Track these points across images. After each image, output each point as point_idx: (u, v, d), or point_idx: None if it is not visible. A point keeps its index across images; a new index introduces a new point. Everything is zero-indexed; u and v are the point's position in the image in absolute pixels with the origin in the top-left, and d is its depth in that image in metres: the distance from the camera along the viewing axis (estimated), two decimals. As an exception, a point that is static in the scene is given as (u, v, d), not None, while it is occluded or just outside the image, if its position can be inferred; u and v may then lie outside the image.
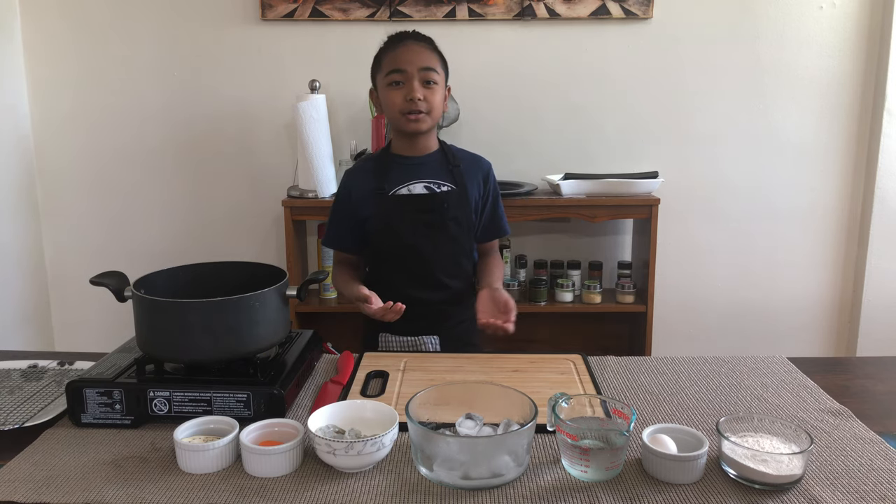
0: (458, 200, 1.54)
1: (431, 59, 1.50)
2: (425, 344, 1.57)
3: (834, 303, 2.51)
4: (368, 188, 1.55)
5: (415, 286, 1.54)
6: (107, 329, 2.49)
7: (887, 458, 0.95)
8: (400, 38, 1.52)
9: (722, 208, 2.44)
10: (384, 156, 1.59)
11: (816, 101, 2.36)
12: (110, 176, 2.44)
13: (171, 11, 2.33)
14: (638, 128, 2.39)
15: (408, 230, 1.52)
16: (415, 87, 1.46)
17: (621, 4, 2.28)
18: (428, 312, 1.55)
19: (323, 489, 0.88)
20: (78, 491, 0.88)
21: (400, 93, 1.47)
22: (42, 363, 1.30)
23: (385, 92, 1.50)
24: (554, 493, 0.88)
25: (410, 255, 1.53)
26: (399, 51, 1.49)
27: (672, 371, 1.27)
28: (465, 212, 1.55)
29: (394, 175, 1.55)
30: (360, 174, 1.60)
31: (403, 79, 1.47)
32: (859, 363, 1.38)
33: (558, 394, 1.01)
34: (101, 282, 1.11)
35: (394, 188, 1.54)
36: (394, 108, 1.49)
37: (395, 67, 1.47)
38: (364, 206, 1.55)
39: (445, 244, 1.54)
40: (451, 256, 1.56)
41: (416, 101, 1.46)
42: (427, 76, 1.47)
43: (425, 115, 1.49)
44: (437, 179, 1.55)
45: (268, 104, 2.38)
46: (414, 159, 1.56)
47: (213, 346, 1.05)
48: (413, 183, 1.54)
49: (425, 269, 1.54)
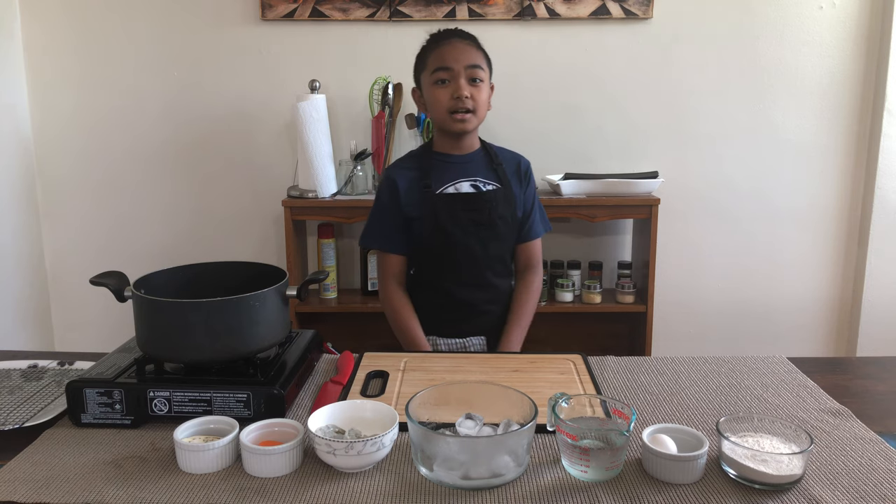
0: (504, 199, 1.53)
1: (477, 57, 1.48)
2: (473, 345, 1.56)
3: (834, 303, 2.51)
4: (414, 187, 1.53)
5: (463, 286, 1.54)
6: (107, 329, 2.49)
7: (887, 458, 0.95)
8: (445, 36, 1.50)
9: (722, 208, 2.44)
10: (426, 154, 1.57)
11: (816, 101, 2.36)
12: (110, 176, 2.44)
13: (171, 11, 2.33)
14: (638, 128, 2.39)
15: (457, 229, 1.51)
16: (461, 84, 1.44)
17: (621, 4, 2.28)
18: (476, 313, 1.55)
19: (323, 489, 0.88)
20: (78, 491, 0.88)
21: (446, 91, 1.46)
22: (42, 363, 1.30)
23: (431, 90, 1.48)
24: (554, 493, 0.88)
25: (459, 255, 1.52)
26: (444, 48, 1.47)
27: (672, 371, 1.27)
28: (511, 210, 1.54)
29: (439, 174, 1.53)
30: (403, 172, 1.57)
31: (449, 76, 1.45)
32: (859, 363, 1.38)
33: (558, 394, 1.01)
34: (101, 282, 1.11)
35: (440, 187, 1.52)
36: (440, 106, 1.47)
37: (441, 65, 1.46)
38: (411, 206, 1.53)
39: (493, 243, 1.54)
40: (499, 255, 1.56)
41: (462, 100, 1.44)
42: (473, 74, 1.46)
43: (472, 114, 1.47)
44: (482, 178, 1.54)
45: (268, 104, 2.38)
46: (458, 157, 1.55)
47: (213, 346, 1.05)
48: (459, 182, 1.52)
49: (475, 268, 1.53)
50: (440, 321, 1.57)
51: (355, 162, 2.29)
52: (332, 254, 2.36)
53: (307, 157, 2.19)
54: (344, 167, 2.30)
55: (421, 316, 1.59)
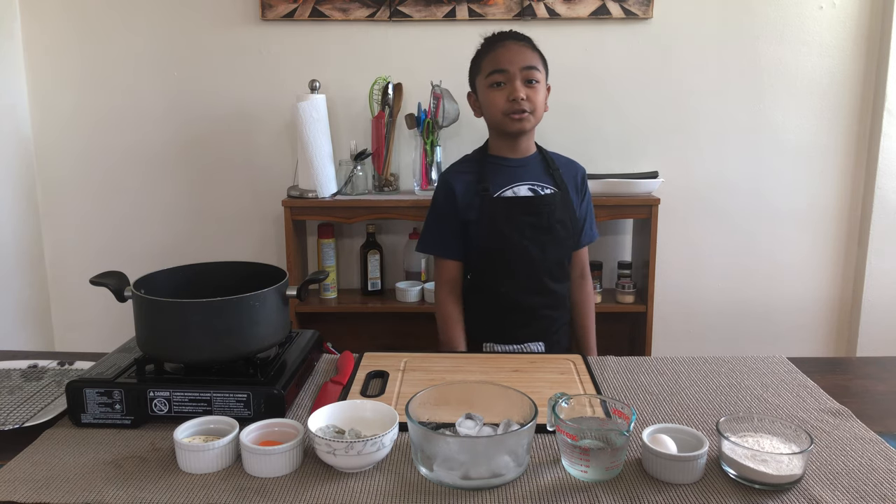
0: (562, 203, 1.53)
1: (533, 58, 1.47)
2: (531, 351, 1.54)
3: (834, 303, 2.51)
4: (472, 190, 1.52)
5: (521, 291, 1.52)
6: (107, 329, 2.49)
7: (887, 458, 0.95)
8: (499, 39, 1.49)
9: (722, 208, 2.44)
10: (482, 157, 1.56)
11: (816, 101, 2.36)
12: (110, 176, 2.44)
13: (171, 11, 2.33)
14: (638, 128, 2.39)
15: (516, 233, 1.50)
16: (517, 86, 1.43)
17: (621, 4, 2.28)
18: (534, 318, 1.54)
19: (323, 489, 0.88)
20: (78, 491, 0.88)
21: (502, 93, 1.45)
22: (42, 363, 1.30)
23: (486, 93, 1.47)
24: (554, 493, 0.88)
25: (518, 259, 1.51)
26: (499, 51, 1.46)
27: (672, 371, 1.27)
28: (569, 214, 1.54)
29: (496, 177, 1.52)
30: (460, 176, 1.56)
31: (505, 79, 1.44)
32: (859, 363, 1.38)
33: (558, 394, 1.01)
34: (101, 282, 1.11)
35: (498, 190, 1.51)
36: (496, 108, 1.46)
37: (497, 68, 1.45)
38: (468, 209, 1.52)
39: (552, 247, 1.53)
40: (558, 260, 1.55)
41: (519, 101, 1.43)
42: (529, 75, 1.45)
43: (529, 114, 1.46)
44: (539, 182, 1.53)
45: (268, 104, 2.38)
46: (515, 161, 1.54)
47: (213, 346, 1.05)
48: (517, 185, 1.51)
49: (533, 272, 1.52)
50: (498, 327, 1.56)
51: (355, 162, 2.29)
52: (332, 254, 2.36)
53: (307, 157, 2.19)
54: (344, 167, 2.30)
55: (478, 321, 1.58)
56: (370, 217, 2.24)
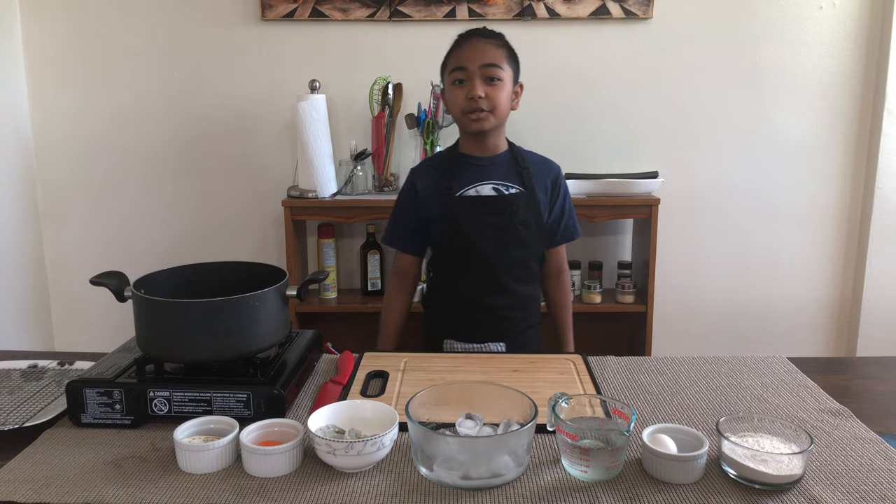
0: (527, 203, 1.51)
1: (496, 56, 1.45)
2: (491, 350, 1.53)
3: (834, 303, 2.51)
4: (435, 187, 1.52)
5: (482, 291, 1.52)
6: (107, 329, 2.49)
7: (887, 458, 0.95)
8: (466, 37, 1.48)
9: (722, 208, 2.44)
10: (452, 155, 1.56)
11: (816, 101, 2.36)
12: (110, 176, 2.44)
13: (171, 11, 2.33)
14: (638, 128, 2.39)
15: (476, 233, 1.49)
16: (476, 84, 1.42)
17: (621, 4, 2.28)
18: (495, 318, 1.53)
19: (323, 489, 0.88)
20: (78, 491, 0.88)
21: (462, 91, 1.44)
22: (42, 363, 1.30)
23: (449, 90, 1.48)
24: (554, 493, 0.88)
25: (478, 259, 1.50)
26: (463, 48, 1.46)
27: (672, 371, 1.27)
28: (534, 215, 1.52)
29: (462, 175, 1.52)
30: (427, 172, 1.57)
31: (465, 76, 1.44)
32: (859, 363, 1.38)
33: (558, 394, 1.01)
34: (101, 282, 1.11)
35: (462, 189, 1.50)
36: (456, 106, 1.46)
37: (458, 65, 1.44)
38: (430, 206, 1.52)
39: (514, 248, 1.51)
40: (520, 261, 1.53)
41: (476, 100, 1.42)
42: (489, 73, 1.43)
43: (488, 113, 1.45)
44: (505, 181, 1.51)
45: (268, 104, 2.38)
46: (482, 160, 1.52)
47: (213, 346, 1.05)
48: (481, 184, 1.50)
49: (493, 273, 1.51)
50: (458, 325, 1.56)
51: (355, 162, 2.29)
52: (332, 254, 2.36)
53: (307, 157, 2.19)
54: (344, 167, 2.30)
55: (439, 319, 1.59)
56: (370, 217, 2.24)
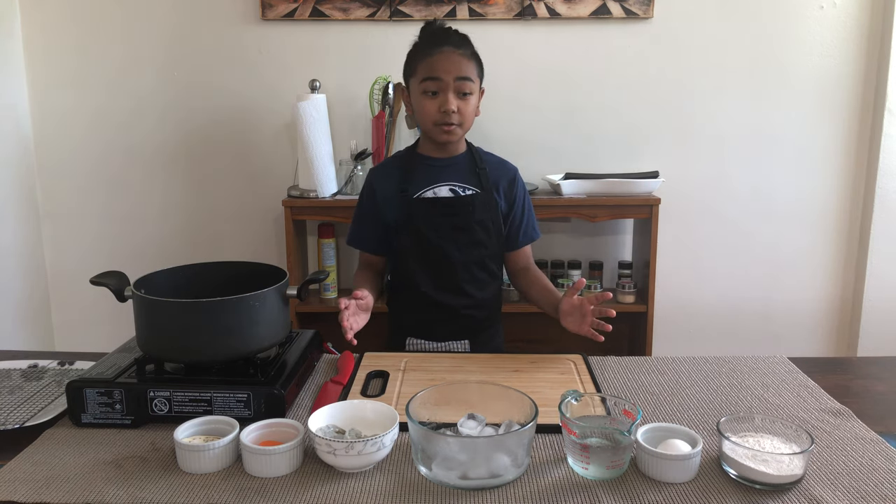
0: (483, 204, 1.51)
1: (468, 68, 1.44)
2: (454, 349, 1.54)
3: (834, 302, 2.50)
4: (393, 189, 1.52)
5: (441, 291, 1.52)
6: (107, 329, 2.49)
7: (888, 458, 0.95)
8: (437, 42, 1.45)
9: (722, 208, 2.44)
10: (410, 155, 1.57)
11: (817, 101, 2.36)
12: (110, 176, 2.44)
13: (172, 11, 2.33)
14: (638, 127, 2.39)
15: (433, 234, 1.50)
16: (449, 98, 1.42)
17: (622, 4, 2.28)
18: (455, 317, 1.53)
19: (323, 489, 0.88)
20: (78, 491, 0.88)
21: (434, 103, 1.43)
22: (42, 363, 1.30)
23: (419, 98, 1.46)
24: (555, 492, 0.88)
25: (437, 260, 1.51)
26: (435, 58, 1.43)
27: (672, 371, 1.27)
28: (491, 215, 1.52)
29: (419, 177, 1.52)
30: (385, 174, 1.57)
31: (438, 88, 1.43)
32: (860, 363, 1.38)
33: (570, 391, 1.01)
34: (101, 282, 1.11)
35: (419, 191, 1.51)
36: (427, 117, 1.45)
37: (431, 75, 1.43)
38: (388, 209, 1.52)
39: (471, 248, 1.51)
40: (478, 261, 1.53)
41: (449, 114, 1.42)
42: (462, 87, 1.43)
43: (457, 126, 1.45)
44: (462, 182, 1.52)
45: (268, 104, 2.38)
46: (440, 161, 1.53)
47: (213, 346, 1.05)
48: (438, 186, 1.51)
49: (451, 273, 1.52)
50: (419, 324, 1.56)
51: (355, 162, 2.29)
52: (332, 254, 2.36)
53: (307, 157, 2.19)
54: (344, 167, 2.30)
55: (401, 318, 1.60)
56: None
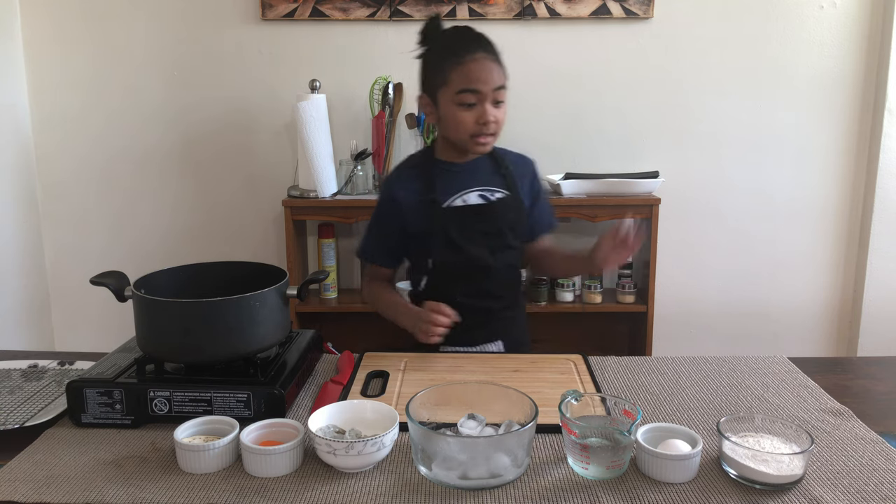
0: (513, 206, 1.47)
1: (502, 76, 1.38)
2: (489, 351, 1.50)
3: (834, 302, 2.51)
4: (418, 199, 1.45)
5: (476, 297, 1.47)
6: (107, 329, 2.49)
7: (888, 458, 0.95)
8: (469, 50, 1.36)
9: (722, 208, 2.44)
10: (428, 161, 1.49)
11: (817, 101, 2.36)
12: (110, 176, 2.44)
13: (172, 11, 2.33)
14: (638, 128, 2.39)
15: (467, 242, 1.44)
16: (488, 110, 1.35)
17: (622, 4, 2.28)
18: (492, 320, 1.49)
19: (323, 489, 0.88)
20: (78, 491, 0.88)
21: (471, 114, 1.36)
22: (42, 363, 1.30)
23: (453, 110, 1.37)
24: (555, 491, 0.88)
25: (472, 268, 1.46)
26: (471, 67, 1.35)
27: (672, 371, 1.27)
28: (519, 217, 1.49)
29: (444, 184, 1.45)
30: (405, 183, 1.48)
31: (477, 100, 1.35)
32: (860, 363, 1.38)
33: (571, 391, 1.01)
34: (101, 282, 1.11)
35: (447, 199, 1.44)
36: (463, 129, 1.37)
37: (470, 87, 1.34)
38: (416, 220, 1.45)
39: (503, 252, 1.47)
40: (510, 264, 1.50)
41: (489, 125, 1.36)
42: (499, 96, 1.37)
43: (493, 136, 1.39)
44: (489, 186, 1.46)
45: (268, 104, 2.38)
46: (462, 165, 1.46)
47: (213, 346, 1.05)
48: (466, 192, 1.44)
49: (487, 279, 1.47)
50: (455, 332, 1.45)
51: (355, 162, 2.29)
52: (332, 254, 2.36)
53: (307, 157, 2.19)
54: (344, 167, 2.30)
55: None
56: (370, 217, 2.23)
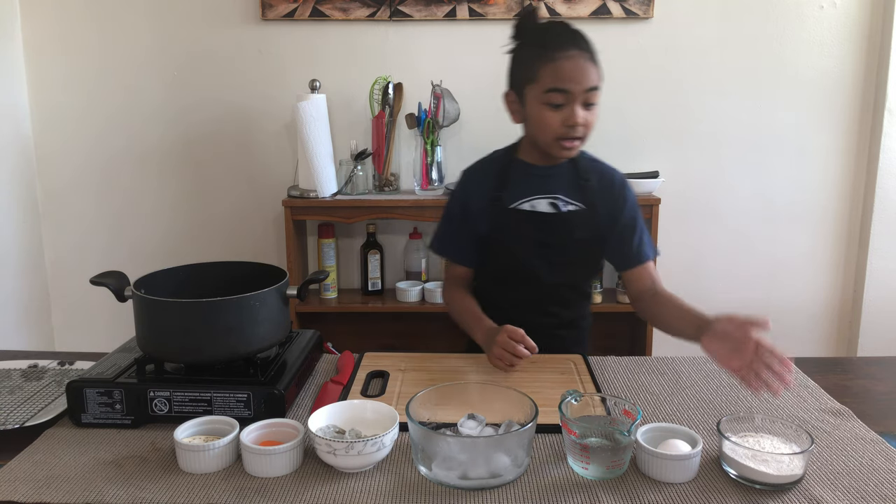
0: (586, 221, 1.36)
1: (597, 76, 1.27)
2: None
3: (834, 302, 2.50)
4: (486, 195, 1.38)
5: (524, 309, 1.40)
6: (107, 329, 2.49)
7: (888, 458, 0.95)
8: (563, 46, 1.26)
9: (722, 208, 2.44)
10: (509, 158, 1.41)
11: (817, 101, 2.36)
12: (110, 175, 2.44)
13: (171, 11, 2.33)
14: (638, 128, 2.39)
15: (526, 251, 1.36)
16: (576, 111, 1.25)
17: (622, 4, 2.28)
18: (541, 336, 1.35)
19: (323, 489, 0.88)
20: (78, 491, 0.88)
21: (558, 115, 1.27)
22: (42, 363, 1.30)
23: (539, 109, 1.29)
24: (555, 491, 0.88)
25: (525, 278, 1.38)
26: (563, 65, 1.25)
27: (672, 371, 1.27)
28: (593, 234, 1.37)
29: (517, 184, 1.37)
30: (479, 179, 1.42)
31: (566, 101, 1.26)
32: (860, 363, 1.38)
33: (570, 391, 1.01)
34: (101, 282, 1.11)
35: (515, 201, 1.36)
36: (549, 131, 1.29)
37: (559, 86, 1.25)
38: (480, 216, 1.38)
39: (565, 270, 1.38)
40: (571, 282, 1.41)
41: (576, 128, 1.27)
42: (591, 98, 1.27)
43: (580, 141, 1.30)
44: (563, 196, 1.36)
45: (268, 104, 2.38)
46: (541, 169, 1.38)
47: (213, 346, 1.05)
48: (537, 198, 1.36)
49: (540, 293, 1.39)
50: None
51: (355, 162, 2.29)
52: (332, 254, 2.36)
53: (307, 157, 2.19)
54: (344, 167, 2.30)
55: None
56: (370, 217, 2.24)
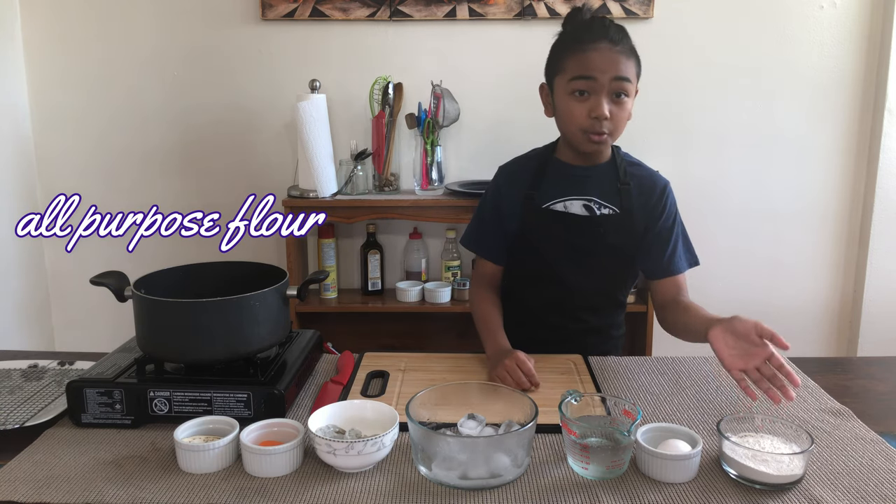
0: (621, 226, 1.32)
1: (627, 67, 1.24)
2: None
3: (834, 303, 2.50)
4: (519, 193, 1.35)
5: (551, 311, 1.37)
6: (107, 329, 2.49)
7: (888, 458, 0.95)
8: (592, 36, 1.24)
9: (722, 208, 2.44)
10: (546, 156, 1.38)
11: (817, 101, 2.36)
12: (110, 175, 2.44)
13: (171, 11, 2.33)
14: (638, 128, 2.38)
15: (555, 252, 1.33)
16: (602, 102, 1.22)
17: (622, 4, 2.28)
18: (569, 340, 1.36)
19: (323, 489, 0.88)
20: (78, 491, 0.88)
21: (583, 106, 1.24)
22: (42, 363, 1.30)
23: (565, 100, 1.26)
24: (555, 491, 0.88)
25: (555, 280, 1.34)
26: (590, 53, 1.23)
27: (672, 371, 1.27)
28: (628, 240, 1.33)
29: (551, 184, 1.34)
30: (513, 174, 1.40)
31: (590, 89, 1.23)
32: (860, 363, 1.38)
33: (570, 391, 1.01)
34: (101, 282, 1.11)
35: (548, 201, 1.33)
36: (573, 122, 1.26)
37: (583, 73, 1.23)
38: (512, 215, 1.35)
39: (596, 276, 1.35)
40: (602, 289, 1.38)
41: (601, 120, 1.23)
42: (619, 87, 1.23)
43: (608, 135, 1.26)
44: (599, 198, 1.33)
45: (268, 104, 2.38)
46: (578, 169, 1.34)
47: (213, 346, 1.05)
48: (571, 199, 1.32)
49: (570, 297, 1.36)
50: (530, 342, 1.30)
51: (355, 162, 2.29)
52: (332, 254, 2.36)
53: (307, 157, 2.19)
54: (344, 167, 2.30)
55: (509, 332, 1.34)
56: (370, 217, 2.24)
